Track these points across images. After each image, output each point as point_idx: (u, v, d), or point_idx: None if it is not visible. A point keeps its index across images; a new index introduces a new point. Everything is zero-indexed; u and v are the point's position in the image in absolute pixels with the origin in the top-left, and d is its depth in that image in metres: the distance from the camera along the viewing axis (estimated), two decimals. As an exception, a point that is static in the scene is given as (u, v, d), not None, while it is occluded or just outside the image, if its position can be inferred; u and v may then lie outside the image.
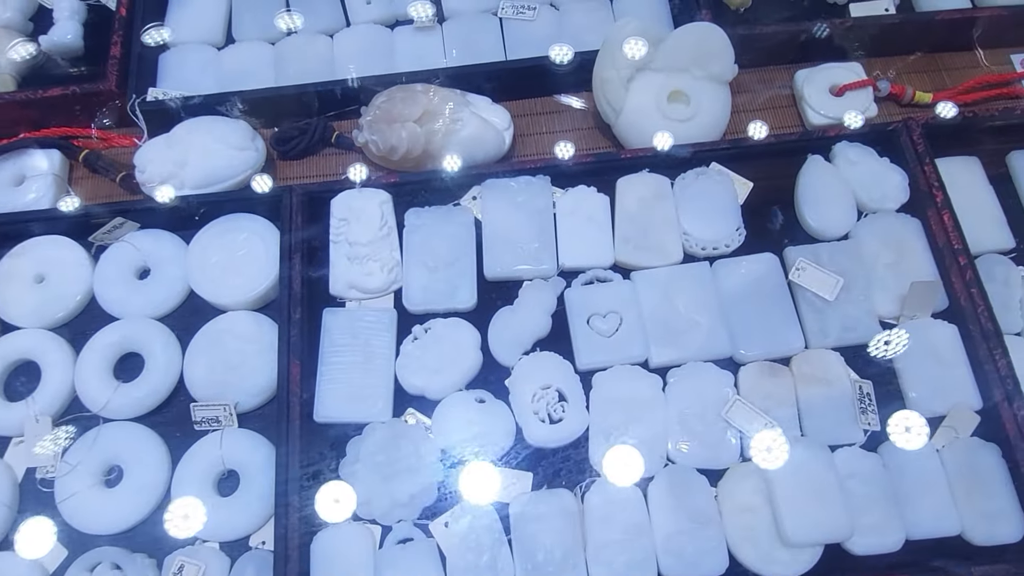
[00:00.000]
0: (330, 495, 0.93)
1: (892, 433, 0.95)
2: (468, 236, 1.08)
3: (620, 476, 0.93)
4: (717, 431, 0.97)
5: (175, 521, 0.92)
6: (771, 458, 0.92)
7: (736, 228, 1.08)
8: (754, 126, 1.11)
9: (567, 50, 1.15)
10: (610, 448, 0.95)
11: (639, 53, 1.12)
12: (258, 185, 1.10)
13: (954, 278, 1.03)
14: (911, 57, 1.28)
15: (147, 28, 1.26)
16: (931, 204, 1.07)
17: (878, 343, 1.00)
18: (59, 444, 1.01)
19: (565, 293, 1.05)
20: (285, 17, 1.30)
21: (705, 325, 1.02)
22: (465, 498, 0.94)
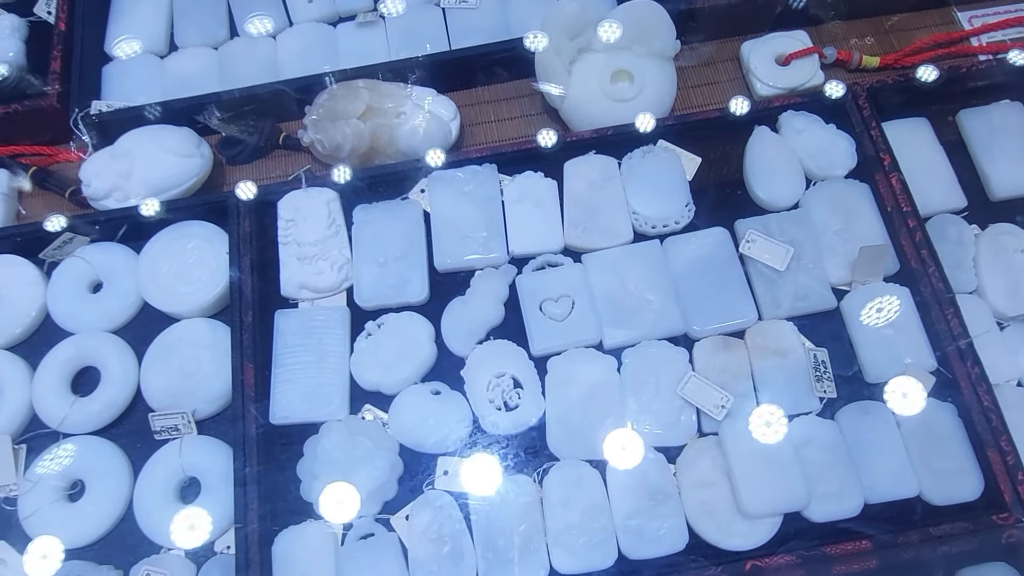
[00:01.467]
0: (289, 496, 0.94)
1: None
2: (417, 229, 1.08)
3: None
4: (674, 408, 0.97)
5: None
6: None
7: (685, 204, 1.09)
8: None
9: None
10: (566, 431, 0.96)
11: (580, 35, 1.12)
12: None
13: (904, 241, 1.03)
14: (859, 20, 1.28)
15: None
16: (879, 168, 1.07)
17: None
18: (20, 462, 1.01)
19: (517, 280, 1.05)
20: (227, 21, 1.30)
21: (657, 303, 1.03)
22: (425, 490, 0.95)
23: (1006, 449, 0.92)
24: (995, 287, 1.06)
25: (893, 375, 0.99)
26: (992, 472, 0.92)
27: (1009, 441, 0.92)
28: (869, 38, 1.28)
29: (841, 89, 1.10)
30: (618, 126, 1.11)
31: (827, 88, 1.10)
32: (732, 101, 1.10)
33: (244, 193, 1.06)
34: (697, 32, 1.25)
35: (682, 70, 1.25)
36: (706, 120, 1.12)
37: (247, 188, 1.06)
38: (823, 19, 1.25)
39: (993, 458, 0.92)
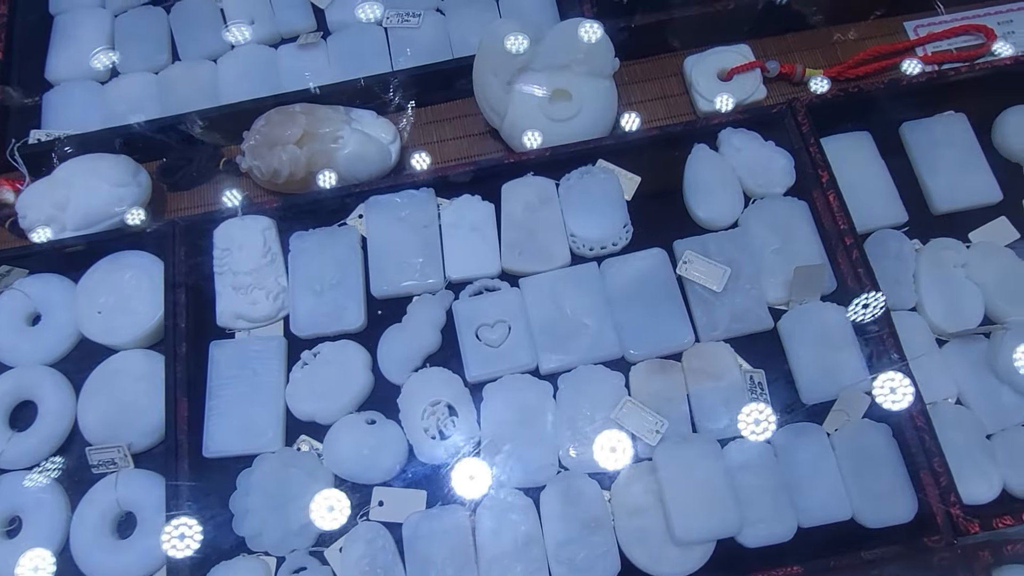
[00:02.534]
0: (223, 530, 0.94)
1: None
2: (354, 256, 1.08)
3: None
4: (608, 434, 0.97)
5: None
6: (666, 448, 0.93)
7: (623, 225, 1.08)
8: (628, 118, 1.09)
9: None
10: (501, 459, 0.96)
11: (517, 55, 1.12)
12: (132, 219, 1.10)
13: (841, 259, 1.03)
14: (806, 33, 1.28)
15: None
16: (817, 185, 1.07)
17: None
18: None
19: (453, 306, 1.05)
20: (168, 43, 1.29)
21: (594, 327, 1.03)
22: (359, 522, 0.95)
23: (939, 471, 0.92)
24: (934, 303, 1.06)
25: (829, 396, 0.99)
26: (925, 494, 0.92)
27: (942, 463, 0.92)
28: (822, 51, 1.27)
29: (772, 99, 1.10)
30: (556, 146, 1.11)
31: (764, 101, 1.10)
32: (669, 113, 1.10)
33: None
34: (641, 48, 1.24)
35: (626, 87, 1.25)
36: (645, 138, 1.11)
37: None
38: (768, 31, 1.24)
39: (926, 480, 0.92)
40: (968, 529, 0.89)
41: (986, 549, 0.90)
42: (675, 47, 1.25)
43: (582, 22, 1.14)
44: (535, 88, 1.12)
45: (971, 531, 0.89)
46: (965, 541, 0.90)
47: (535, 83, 1.14)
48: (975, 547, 0.90)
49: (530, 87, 1.13)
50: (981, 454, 0.97)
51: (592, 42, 1.14)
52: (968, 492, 0.94)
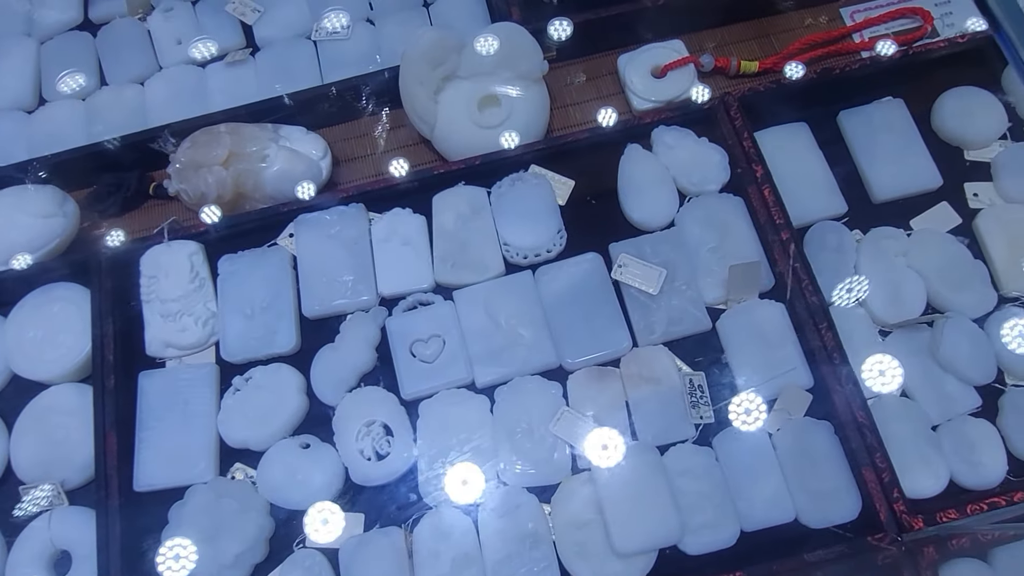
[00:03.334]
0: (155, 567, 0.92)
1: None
2: (284, 277, 1.06)
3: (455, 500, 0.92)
4: (547, 446, 0.96)
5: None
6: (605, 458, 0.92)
7: (557, 231, 1.07)
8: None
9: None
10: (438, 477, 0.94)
11: (442, 64, 1.10)
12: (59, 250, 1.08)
13: (777, 255, 1.02)
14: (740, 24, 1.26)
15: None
16: (752, 180, 1.05)
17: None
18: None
19: (387, 322, 1.04)
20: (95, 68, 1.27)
21: (529, 337, 1.01)
22: (295, 549, 0.94)
23: (881, 467, 0.90)
24: (876, 294, 1.04)
25: (770, 395, 0.97)
26: (868, 491, 0.90)
27: (884, 458, 0.90)
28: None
29: (707, 94, 1.08)
30: (486, 154, 1.09)
31: (695, 95, 1.08)
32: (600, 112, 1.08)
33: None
34: (573, 48, 1.22)
35: (560, 88, 1.23)
36: (576, 141, 1.10)
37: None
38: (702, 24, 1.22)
39: (868, 476, 0.90)
40: (912, 525, 0.88)
41: (931, 545, 0.89)
42: (608, 46, 1.24)
43: (507, 26, 1.13)
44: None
45: (915, 527, 0.88)
46: (910, 538, 0.88)
47: (462, 91, 1.12)
48: (920, 543, 0.89)
49: (457, 96, 1.11)
50: (927, 446, 0.95)
51: (520, 46, 1.12)
52: (915, 486, 0.93)
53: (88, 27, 1.33)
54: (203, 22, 1.29)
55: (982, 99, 1.14)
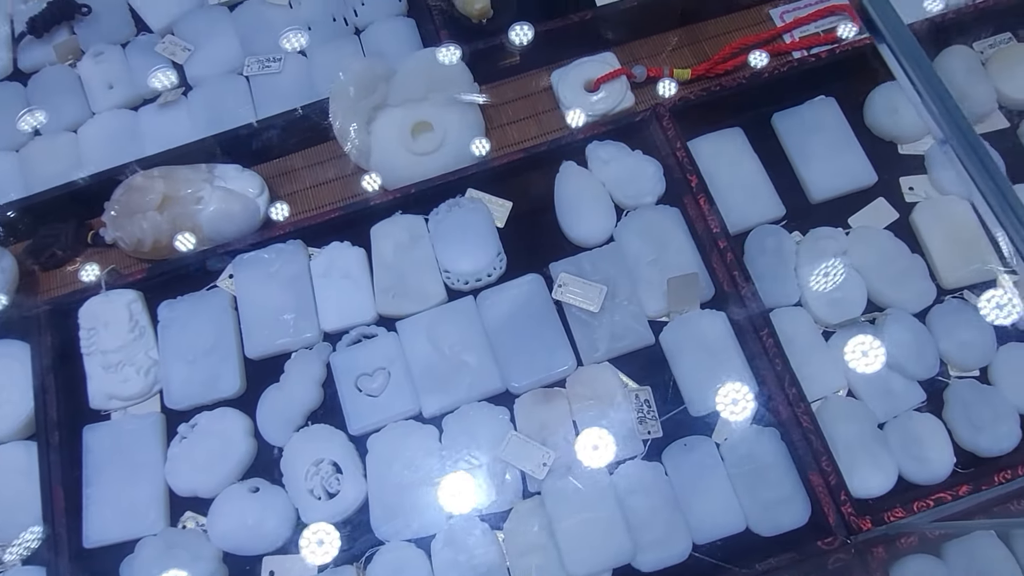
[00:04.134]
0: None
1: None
2: (226, 319, 1.06)
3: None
4: (497, 472, 0.96)
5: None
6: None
7: (497, 254, 1.07)
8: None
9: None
10: (389, 512, 0.94)
11: (371, 94, 1.10)
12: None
13: (716, 263, 1.02)
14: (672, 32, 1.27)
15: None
16: (687, 190, 1.06)
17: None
18: None
19: (331, 358, 1.03)
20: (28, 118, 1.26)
21: (474, 363, 1.01)
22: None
23: (827, 470, 0.91)
24: (817, 296, 1.05)
25: (716, 406, 0.98)
26: (816, 495, 0.91)
27: (830, 461, 0.91)
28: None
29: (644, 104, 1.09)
30: (421, 182, 1.09)
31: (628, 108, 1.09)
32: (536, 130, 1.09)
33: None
34: (506, 67, 1.23)
35: (496, 108, 1.23)
36: (511, 163, 1.10)
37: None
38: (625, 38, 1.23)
39: (815, 481, 0.91)
40: (860, 527, 0.88)
41: (880, 545, 0.90)
42: (542, 62, 1.24)
43: (434, 52, 1.13)
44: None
45: (863, 528, 0.88)
46: (860, 539, 0.89)
47: (395, 119, 1.12)
48: (869, 544, 0.90)
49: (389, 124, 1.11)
50: (874, 445, 0.96)
51: (449, 70, 1.12)
52: (864, 485, 0.94)
53: (18, 77, 1.32)
54: (134, 64, 1.28)
55: (912, 92, 1.15)
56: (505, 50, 1.18)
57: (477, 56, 1.18)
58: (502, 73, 1.24)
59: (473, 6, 1.22)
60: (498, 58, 1.20)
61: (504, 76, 1.25)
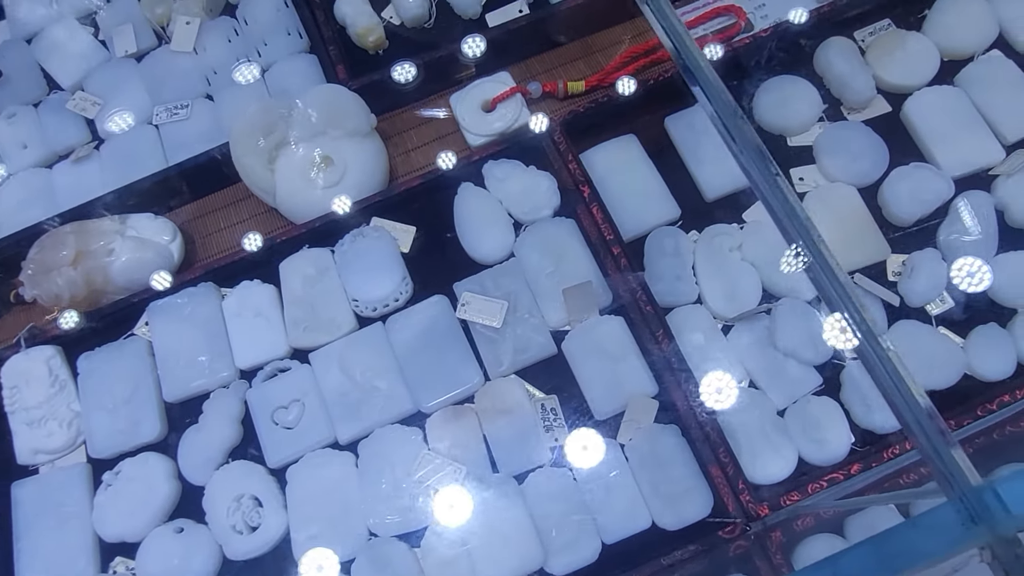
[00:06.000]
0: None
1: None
2: (144, 366, 1.10)
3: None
4: (412, 492, 0.99)
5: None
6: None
7: (402, 279, 1.11)
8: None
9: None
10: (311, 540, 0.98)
11: (270, 133, 1.14)
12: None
13: (611, 270, 1.06)
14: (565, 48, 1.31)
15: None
16: (580, 201, 1.10)
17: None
18: None
19: (247, 394, 1.07)
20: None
21: (385, 388, 1.05)
22: (180, 634, 0.97)
23: (725, 461, 0.95)
24: (714, 292, 1.09)
25: (619, 408, 1.02)
26: (715, 486, 0.95)
27: (728, 452, 0.95)
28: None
29: (545, 123, 1.13)
30: (325, 215, 1.13)
31: (531, 124, 1.13)
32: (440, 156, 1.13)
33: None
34: (406, 94, 1.27)
35: (400, 135, 1.27)
36: (411, 188, 1.14)
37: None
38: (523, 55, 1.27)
39: (715, 472, 0.95)
40: (758, 513, 0.92)
41: (777, 529, 0.94)
42: (441, 86, 1.28)
43: (328, 88, 1.17)
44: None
45: (761, 514, 0.92)
46: (761, 526, 0.93)
47: (296, 156, 1.16)
48: (768, 530, 0.93)
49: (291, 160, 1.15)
50: (774, 432, 1.00)
51: (344, 104, 1.16)
52: (765, 472, 0.98)
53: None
54: (46, 123, 1.32)
55: (797, 86, 1.20)
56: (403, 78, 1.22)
57: (376, 86, 1.22)
58: (403, 100, 1.28)
59: (367, 39, 1.26)
60: (397, 86, 1.24)
61: (405, 103, 1.29)
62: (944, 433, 0.63)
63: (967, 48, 1.20)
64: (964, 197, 1.10)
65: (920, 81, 1.19)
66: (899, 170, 1.13)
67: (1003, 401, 0.95)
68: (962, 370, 1.02)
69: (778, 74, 1.21)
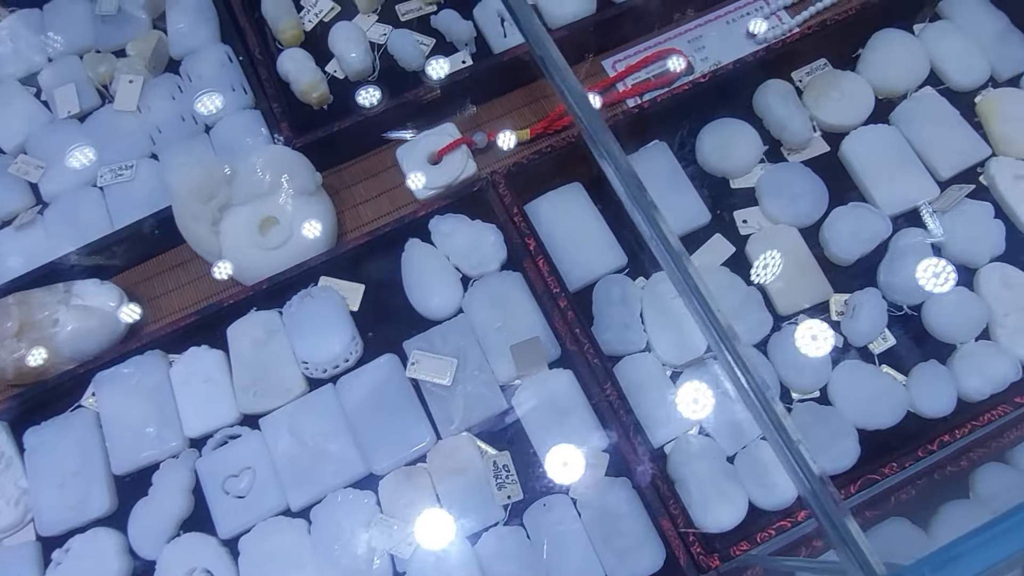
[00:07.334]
0: None
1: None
2: (92, 438, 1.09)
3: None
4: (365, 557, 1.00)
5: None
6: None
7: (352, 339, 1.11)
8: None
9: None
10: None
11: (212, 197, 1.14)
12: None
13: (558, 323, 1.08)
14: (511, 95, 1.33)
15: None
16: (525, 254, 1.11)
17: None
18: None
19: (197, 463, 1.07)
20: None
21: (336, 452, 1.05)
22: None
23: (675, 513, 0.96)
24: (662, 339, 1.11)
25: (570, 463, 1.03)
26: (667, 539, 0.96)
27: (678, 504, 0.97)
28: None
29: (489, 175, 1.15)
30: (272, 277, 1.14)
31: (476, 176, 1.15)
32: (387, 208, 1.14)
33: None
34: (351, 150, 1.28)
35: (348, 189, 1.28)
36: (358, 247, 1.15)
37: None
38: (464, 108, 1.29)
39: (666, 526, 0.96)
40: (709, 565, 0.94)
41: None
42: (386, 140, 1.29)
43: (271, 149, 1.18)
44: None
45: (712, 566, 0.94)
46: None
47: (241, 217, 1.16)
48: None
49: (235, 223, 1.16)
50: (725, 479, 1.02)
51: (288, 164, 1.17)
52: (716, 521, 1.00)
53: None
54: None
55: (738, 128, 1.23)
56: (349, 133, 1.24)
57: (321, 142, 1.23)
58: (349, 154, 1.29)
59: (311, 95, 1.27)
60: (343, 141, 1.25)
61: (351, 157, 1.30)
62: (837, 502, 0.65)
63: (900, 86, 1.24)
64: (901, 235, 1.14)
65: (856, 120, 1.22)
66: (838, 210, 1.16)
67: (943, 441, 0.98)
68: (905, 408, 1.05)
69: (720, 117, 1.24)
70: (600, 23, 1.31)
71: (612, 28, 1.33)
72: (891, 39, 1.26)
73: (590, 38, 1.33)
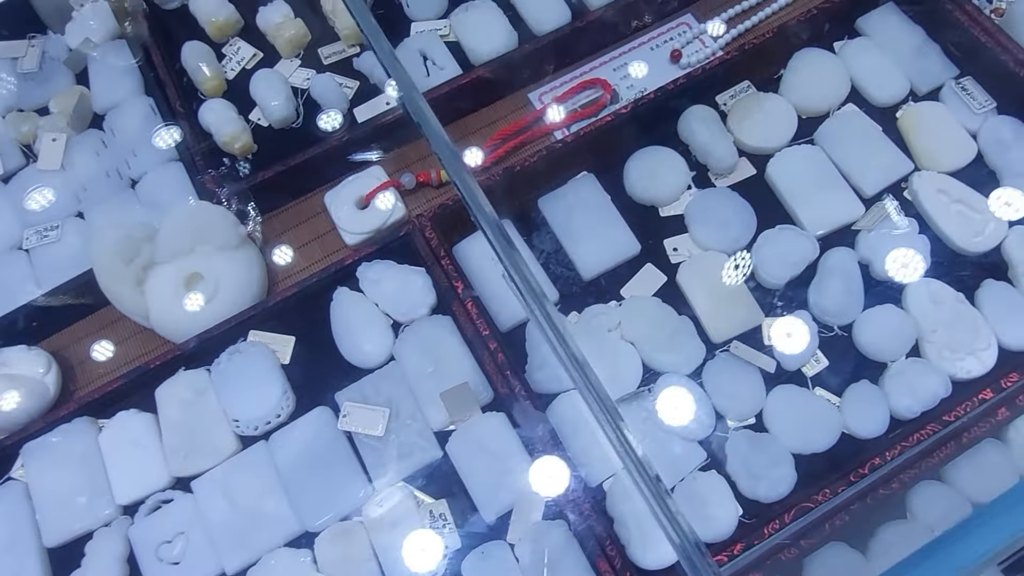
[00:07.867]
0: None
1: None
2: (22, 512, 1.07)
3: None
4: (303, 619, 0.98)
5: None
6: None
7: (283, 393, 1.10)
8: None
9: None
10: None
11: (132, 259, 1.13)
12: None
13: (488, 367, 1.07)
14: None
15: None
16: (454, 297, 1.11)
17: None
18: None
19: (129, 532, 1.05)
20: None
21: (271, 511, 1.04)
22: None
23: (612, 555, 0.96)
24: (599, 374, 1.10)
25: (507, 507, 1.02)
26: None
27: (614, 545, 0.96)
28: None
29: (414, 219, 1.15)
30: (199, 334, 1.12)
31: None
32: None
33: None
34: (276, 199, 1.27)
35: (278, 236, 1.27)
36: (286, 299, 1.14)
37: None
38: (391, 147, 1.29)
39: (603, 567, 0.96)
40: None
41: (667, 620, 0.95)
42: (314, 185, 1.29)
43: (191, 205, 1.17)
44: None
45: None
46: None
47: (165, 276, 1.15)
48: (658, 621, 0.95)
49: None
50: (663, 514, 1.01)
51: (209, 219, 1.16)
52: (656, 557, 0.99)
53: None
54: (-89, 260, 1.29)
55: (664, 156, 1.23)
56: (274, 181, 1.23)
57: (248, 192, 1.22)
58: (277, 202, 1.28)
59: (233, 146, 1.26)
60: (269, 189, 1.24)
61: (280, 205, 1.29)
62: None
63: (823, 105, 1.25)
64: (829, 255, 1.14)
65: (780, 142, 1.22)
66: (765, 234, 1.16)
67: (874, 464, 0.98)
68: (840, 430, 1.05)
69: (646, 145, 1.25)
70: (525, 56, 1.31)
71: (537, 61, 1.34)
72: (811, 58, 1.27)
73: (515, 72, 1.33)
